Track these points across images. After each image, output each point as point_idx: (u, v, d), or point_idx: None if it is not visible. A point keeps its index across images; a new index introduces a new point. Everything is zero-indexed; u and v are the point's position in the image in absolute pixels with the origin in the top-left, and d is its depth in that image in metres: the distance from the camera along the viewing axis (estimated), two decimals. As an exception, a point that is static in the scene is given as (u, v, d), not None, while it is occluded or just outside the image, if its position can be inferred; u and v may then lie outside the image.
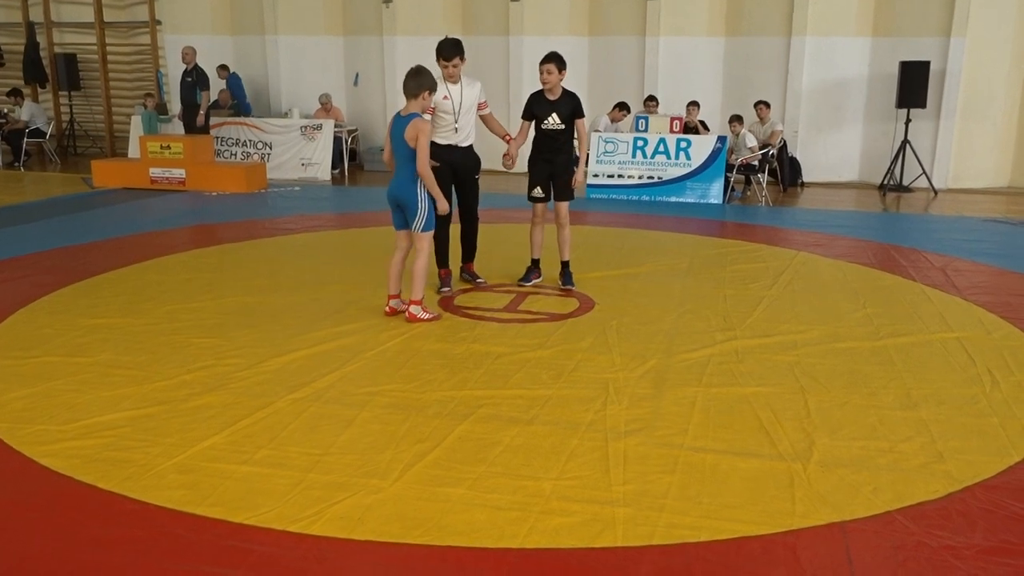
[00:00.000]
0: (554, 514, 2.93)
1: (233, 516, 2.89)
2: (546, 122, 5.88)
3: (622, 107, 11.62)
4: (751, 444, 3.52)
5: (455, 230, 6.06)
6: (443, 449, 3.43)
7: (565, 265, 6.21)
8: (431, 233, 5.26)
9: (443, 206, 5.22)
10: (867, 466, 3.32)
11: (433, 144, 5.47)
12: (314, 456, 3.36)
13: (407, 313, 5.28)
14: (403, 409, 3.85)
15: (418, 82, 5.04)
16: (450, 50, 5.58)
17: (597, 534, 2.80)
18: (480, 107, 5.90)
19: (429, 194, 5.15)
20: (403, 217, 5.27)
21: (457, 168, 5.81)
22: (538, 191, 6.06)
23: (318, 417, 3.75)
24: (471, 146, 5.88)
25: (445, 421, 3.72)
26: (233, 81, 13.32)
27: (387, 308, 5.39)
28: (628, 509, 2.96)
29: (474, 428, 3.64)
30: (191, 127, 11.92)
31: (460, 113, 5.72)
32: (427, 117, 5.29)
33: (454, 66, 5.61)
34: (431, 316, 5.30)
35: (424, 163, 5.02)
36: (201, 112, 11.74)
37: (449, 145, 5.74)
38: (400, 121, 5.10)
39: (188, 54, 11.77)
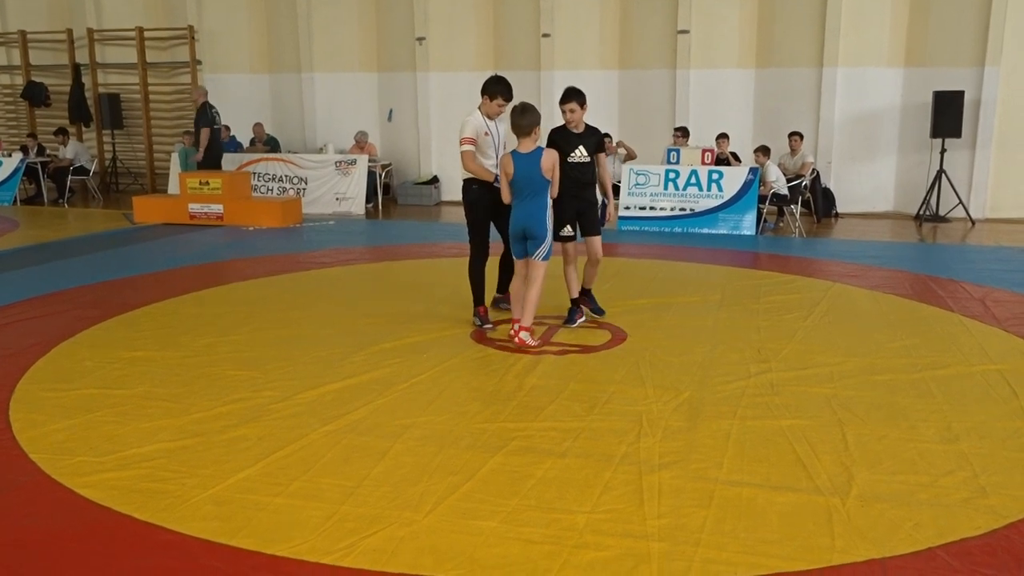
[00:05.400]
0: (588, 548, 2.90)
1: (267, 548, 2.91)
2: (572, 155, 5.74)
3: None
4: (788, 478, 3.47)
5: (493, 263, 6.08)
6: (476, 482, 3.43)
7: (588, 292, 6.17)
8: (548, 263, 5.46)
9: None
10: (908, 501, 3.26)
11: (477, 180, 5.81)
12: (347, 488, 3.37)
13: (516, 338, 5.40)
14: (436, 441, 3.85)
15: (531, 119, 5.35)
16: (508, 91, 5.77)
17: (632, 569, 2.77)
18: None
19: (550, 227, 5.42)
20: (524, 247, 5.49)
21: (498, 201, 5.86)
22: (567, 230, 5.84)
23: (351, 449, 3.77)
24: None
25: (478, 453, 3.71)
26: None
27: (511, 331, 5.56)
28: (663, 544, 2.93)
29: (507, 461, 3.64)
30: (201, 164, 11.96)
31: (500, 148, 5.87)
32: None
33: (498, 105, 5.79)
34: (537, 344, 5.41)
35: (557, 188, 5.51)
36: (200, 149, 11.76)
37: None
38: (524, 158, 5.34)
39: (196, 94, 11.88)
